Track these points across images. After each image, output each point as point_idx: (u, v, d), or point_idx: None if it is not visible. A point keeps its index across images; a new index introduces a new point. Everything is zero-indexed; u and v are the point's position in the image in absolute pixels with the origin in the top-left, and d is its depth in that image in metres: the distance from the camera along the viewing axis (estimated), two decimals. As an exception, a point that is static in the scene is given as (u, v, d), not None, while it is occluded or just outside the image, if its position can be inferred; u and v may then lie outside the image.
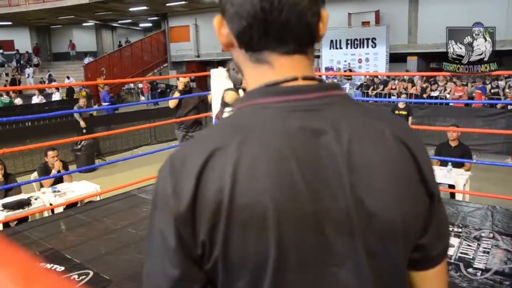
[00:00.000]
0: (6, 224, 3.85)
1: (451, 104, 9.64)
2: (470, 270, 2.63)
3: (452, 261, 2.75)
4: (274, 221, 0.55)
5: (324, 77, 13.41)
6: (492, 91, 10.44)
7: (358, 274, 0.59)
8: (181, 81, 5.44)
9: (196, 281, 0.59)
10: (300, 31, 0.61)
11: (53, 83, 18.12)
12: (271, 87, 0.61)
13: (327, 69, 15.46)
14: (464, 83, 10.11)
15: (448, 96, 10.45)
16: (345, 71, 14.38)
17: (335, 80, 11.36)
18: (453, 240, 3.05)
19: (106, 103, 13.67)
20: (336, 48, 15.59)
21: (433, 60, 14.86)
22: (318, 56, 16.24)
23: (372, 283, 0.60)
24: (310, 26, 0.62)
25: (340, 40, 15.41)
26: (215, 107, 3.98)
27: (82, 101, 8.88)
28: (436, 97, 10.60)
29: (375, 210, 0.59)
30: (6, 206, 3.88)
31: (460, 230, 3.24)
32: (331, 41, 15.55)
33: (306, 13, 0.60)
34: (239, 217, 0.55)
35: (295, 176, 0.57)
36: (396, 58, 14.79)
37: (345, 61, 15.32)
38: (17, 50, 22.25)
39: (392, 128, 0.63)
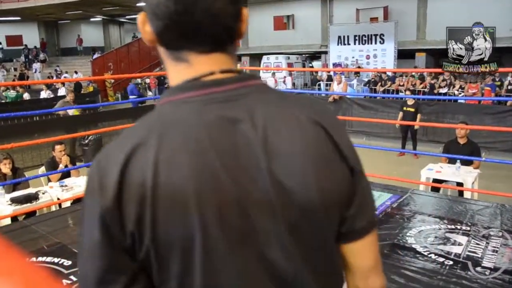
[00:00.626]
0: (14, 218, 3.88)
1: (459, 101, 9.55)
2: (478, 269, 2.60)
3: (460, 259, 2.72)
4: (196, 208, 0.59)
5: (332, 73, 13.35)
6: (510, 87, 10.29)
7: (285, 251, 0.63)
8: None
9: (123, 272, 0.61)
10: (216, 32, 0.64)
11: (63, 77, 18.24)
12: (189, 83, 0.64)
13: (334, 65, 15.39)
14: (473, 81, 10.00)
15: (456, 92, 10.35)
16: (353, 67, 14.29)
17: (343, 76, 11.31)
18: (461, 239, 3.02)
19: (134, 96, 13.73)
20: (344, 44, 15.51)
21: (442, 56, 14.71)
22: (326, 52, 16.18)
23: (300, 258, 0.64)
24: (226, 27, 0.64)
25: (348, 36, 15.33)
26: None
27: (70, 96, 8.72)
28: (445, 94, 10.50)
29: (292, 189, 0.62)
30: (15, 200, 3.90)
31: (468, 228, 3.21)
32: (339, 37, 15.48)
33: (220, 15, 0.63)
34: (163, 206, 0.59)
35: (215, 164, 0.60)
36: (404, 55, 14.67)
37: (353, 57, 15.24)
38: (26, 45, 22.39)
39: (307, 112, 0.67)
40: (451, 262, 2.68)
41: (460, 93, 10.17)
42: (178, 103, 0.64)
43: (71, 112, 8.87)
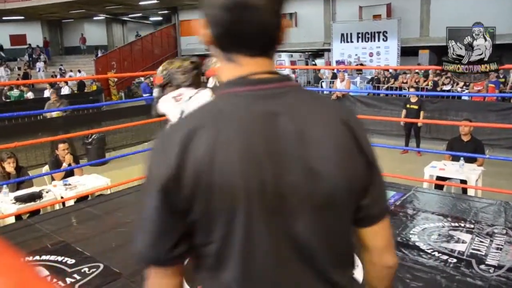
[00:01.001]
0: (18, 217, 3.89)
1: (463, 97, 9.50)
2: (482, 266, 2.59)
3: (464, 257, 2.71)
4: (242, 186, 0.72)
5: (335, 70, 13.29)
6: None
7: (308, 227, 0.76)
8: None
9: (173, 234, 0.75)
10: (262, 41, 0.78)
11: (68, 76, 18.29)
12: (240, 79, 0.78)
13: (337, 62, 15.35)
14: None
15: (459, 89, 10.29)
16: (356, 65, 14.24)
17: (346, 74, 11.29)
18: (465, 236, 3.01)
19: (147, 94, 13.86)
20: (347, 42, 15.46)
21: (445, 53, 14.59)
22: (329, 50, 16.13)
23: (320, 234, 0.77)
24: (271, 36, 0.79)
25: (351, 34, 15.27)
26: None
27: (53, 98, 8.68)
28: (448, 91, 10.45)
29: (321, 176, 0.75)
30: (19, 199, 3.92)
31: (472, 226, 3.20)
32: (342, 34, 15.42)
33: (267, 27, 0.77)
34: (216, 179, 0.72)
35: (259, 150, 0.73)
36: (407, 52, 14.60)
37: (356, 54, 15.17)
38: (29, 44, 22.44)
39: (336, 112, 0.80)
40: (454, 260, 2.67)
41: (463, 90, 10.11)
42: (232, 96, 0.78)
43: (55, 113, 8.92)
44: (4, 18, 21.32)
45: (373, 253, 0.87)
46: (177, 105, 2.55)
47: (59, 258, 2.89)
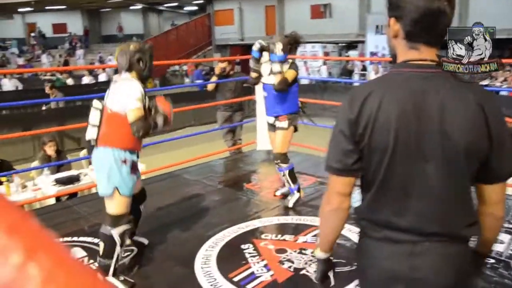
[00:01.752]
0: (57, 199, 4.05)
1: (501, 93, 9.10)
2: (521, 268, 2.50)
3: (502, 258, 2.62)
4: (394, 132, 1.05)
5: (367, 62, 13.00)
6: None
7: (438, 171, 1.06)
8: (218, 66, 5.48)
9: (354, 153, 1.11)
10: (442, 37, 1.11)
11: (107, 62, 18.73)
12: (409, 62, 1.10)
13: (372, 54, 15.01)
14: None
15: (498, 84, 9.86)
16: (391, 57, 13.87)
17: (379, 66, 11.04)
18: (504, 237, 2.91)
19: (200, 81, 14.31)
20: (382, 34, 15.05)
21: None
22: (363, 41, 15.79)
23: (446, 178, 1.06)
24: (445, 33, 1.11)
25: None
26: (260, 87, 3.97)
27: (47, 90, 8.93)
28: (486, 86, 10.03)
29: (450, 136, 1.03)
30: (59, 181, 4.08)
31: (511, 226, 3.08)
32: (377, 26, 15.04)
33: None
34: (378, 126, 1.07)
35: (409, 112, 1.05)
36: (444, 45, 14.09)
37: (392, 46, 14.77)
38: (70, 33, 23.12)
39: (475, 95, 1.06)
40: (492, 261, 2.59)
41: (502, 85, 9.68)
42: (400, 73, 1.11)
43: (53, 105, 9.25)
44: (46, 7, 22.03)
45: (488, 206, 1.12)
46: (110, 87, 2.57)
47: (96, 240, 2.98)
